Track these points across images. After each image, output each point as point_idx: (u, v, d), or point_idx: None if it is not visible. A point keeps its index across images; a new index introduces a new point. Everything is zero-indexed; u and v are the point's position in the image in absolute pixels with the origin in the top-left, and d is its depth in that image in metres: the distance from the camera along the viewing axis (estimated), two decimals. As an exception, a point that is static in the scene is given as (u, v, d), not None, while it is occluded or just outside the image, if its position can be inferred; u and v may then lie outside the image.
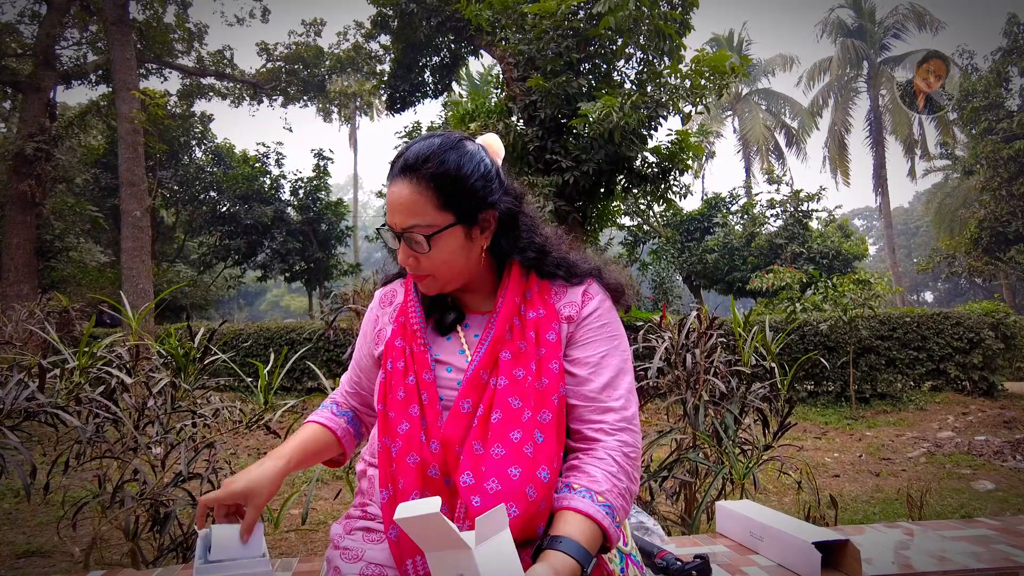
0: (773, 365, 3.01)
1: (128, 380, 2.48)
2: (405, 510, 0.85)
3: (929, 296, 46.14)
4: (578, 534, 0.95)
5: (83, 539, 3.28)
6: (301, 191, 17.00)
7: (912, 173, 27.07)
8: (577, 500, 0.99)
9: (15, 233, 11.80)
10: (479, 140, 1.18)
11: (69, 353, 2.59)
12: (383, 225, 1.15)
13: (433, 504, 0.84)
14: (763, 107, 29.61)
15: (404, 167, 1.08)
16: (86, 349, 2.61)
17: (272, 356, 3.15)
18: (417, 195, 1.07)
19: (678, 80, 8.35)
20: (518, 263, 1.18)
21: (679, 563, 1.35)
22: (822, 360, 4.73)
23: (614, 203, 10.66)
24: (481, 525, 0.86)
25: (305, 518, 2.44)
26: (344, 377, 1.34)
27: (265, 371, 2.79)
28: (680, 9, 8.59)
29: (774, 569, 1.51)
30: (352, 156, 37.35)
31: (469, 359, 1.12)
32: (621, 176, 9.07)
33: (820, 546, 1.43)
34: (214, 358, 2.80)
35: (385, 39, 13.82)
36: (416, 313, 1.19)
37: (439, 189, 1.07)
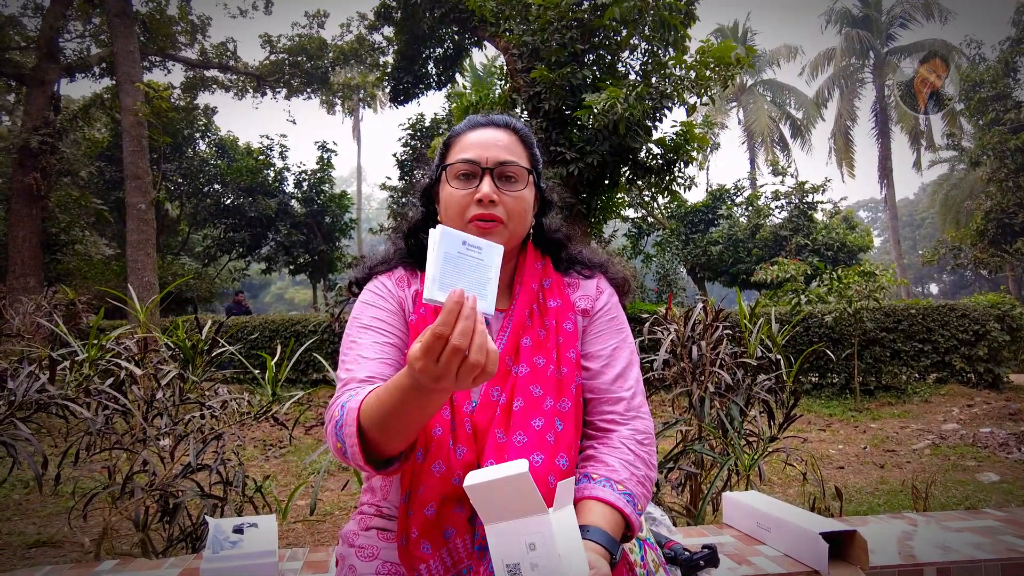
0: (779, 357, 3.01)
1: (137, 372, 2.50)
2: (480, 475, 0.83)
3: (934, 288, 46.01)
4: (603, 523, 0.96)
5: (93, 530, 3.31)
6: (305, 184, 17.01)
7: (918, 164, 26.92)
8: (598, 489, 1.00)
9: (21, 226, 11.83)
10: None
11: (78, 346, 2.61)
12: (451, 164, 1.12)
13: (520, 465, 0.82)
14: (768, 98, 29.45)
15: (495, 121, 1.17)
16: (95, 342, 2.63)
17: (279, 348, 3.16)
18: (515, 141, 1.16)
19: (683, 71, 8.30)
20: (533, 253, 1.20)
21: (687, 553, 1.36)
22: (827, 352, 4.71)
23: (618, 195, 10.62)
24: (560, 491, 0.86)
25: (313, 509, 2.46)
26: (364, 374, 1.06)
27: (272, 363, 2.80)
28: (685, -1, 8.52)
29: (781, 559, 1.52)
30: (356, 148, 37.35)
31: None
32: (625, 168, 9.03)
33: (827, 537, 1.44)
34: (222, 350, 2.81)
35: (388, 31, 13.77)
36: None
37: (527, 147, 1.18)
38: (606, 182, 9.20)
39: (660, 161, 8.91)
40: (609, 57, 8.88)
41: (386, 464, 0.96)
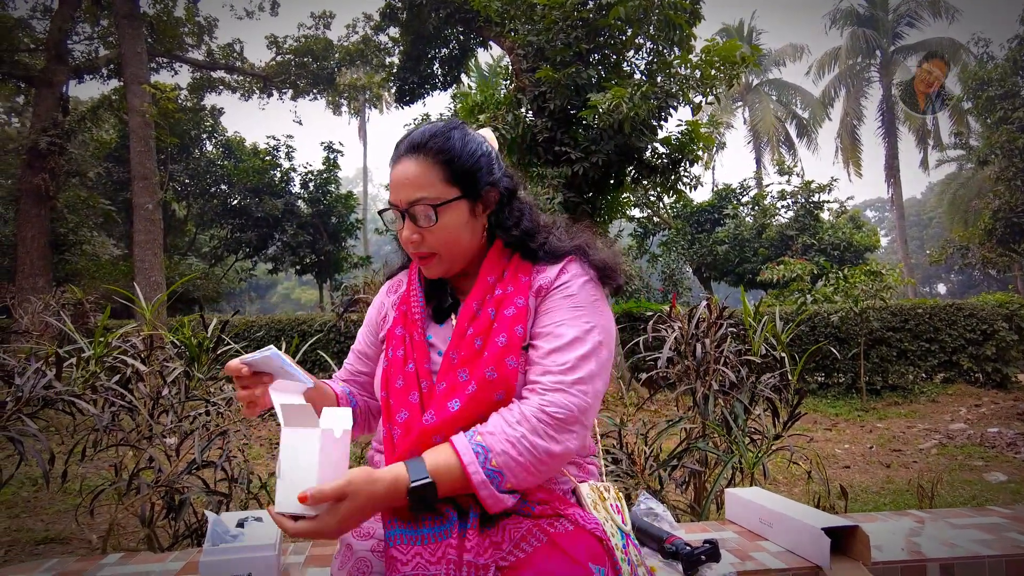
0: (783, 355, 3.00)
1: (143, 369, 2.51)
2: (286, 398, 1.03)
3: (942, 288, 45.75)
4: (430, 456, 0.97)
5: (100, 526, 3.33)
6: (311, 184, 17.06)
7: (925, 163, 26.78)
8: (457, 437, 0.99)
9: (30, 226, 11.92)
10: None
11: (85, 343, 2.63)
12: (385, 209, 1.18)
13: (269, 350, 1.03)
14: (773, 97, 29.35)
15: (411, 146, 1.13)
16: (101, 339, 2.64)
17: (283, 346, 3.17)
18: (424, 169, 1.11)
19: (688, 70, 8.28)
20: (498, 248, 1.19)
21: (688, 548, 1.36)
22: (833, 350, 4.68)
23: (624, 195, 10.60)
24: (296, 412, 0.95)
25: (317, 505, 2.47)
26: (345, 363, 1.38)
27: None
28: (690, -2, 8.50)
29: (784, 555, 1.52)
30: (361, 149, 37.44)
31: None
32: (631, 167, 9.02)
33: (829, 532, 1.44)
34: (227, 348, 2.82)
35: (394, 31, 13.79)
36: (418, 301, 1.22)
37: (446, 163, 1.11)
38: (611, 182, 9.19)
39: (665, 160, 8.89)
40: (614, 56, 8.87)
41: None
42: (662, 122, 8.54)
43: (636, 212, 17.99)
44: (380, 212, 1.19)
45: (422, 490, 0.93)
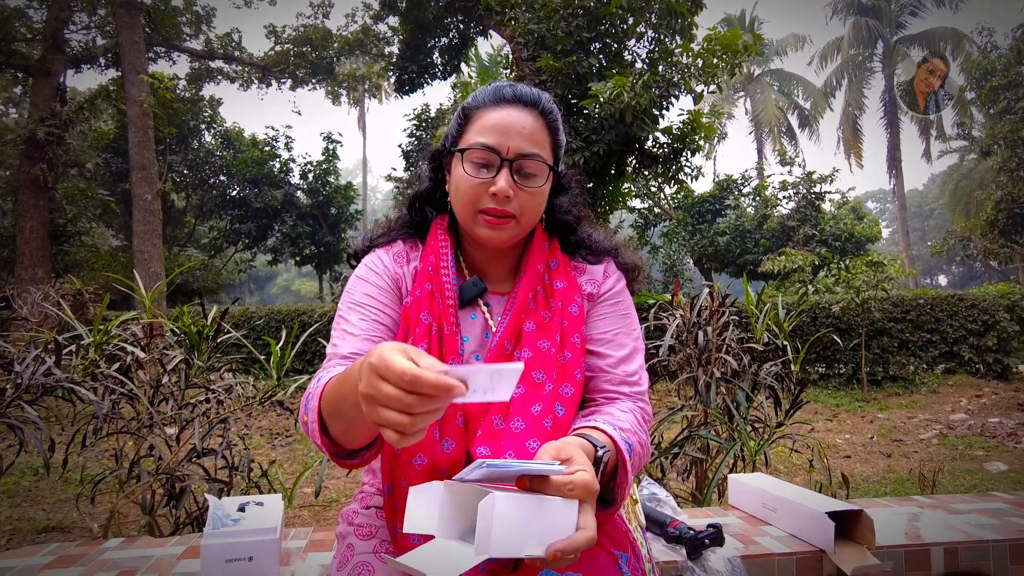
0: (785, 343, 2.99)
1: (143, 356, 2.50)
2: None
3: (943, 280, 45.71)
4: (591, 433, 0.89)
5: (101, 515, 3.34)
6: (310, 175, 17.02)
7: (927, 154, 26.71)
8: (600, 424, 0.93)
9: (28, 217, 11.89)
10: None
11: (84, 330, 2.61)
12: (467, 148, 1.02)
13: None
14: (775, 88, 29.21)
15: (522, 98, 1.05)
16: (100, 326, 2.63)
17: (284, 335, 3.16)
18: (541, 128, 1.05)
19: (690, 59, 8.22)
20: (540, 234, 1.14)
21: (692, 532, 1.35)
22: (835, 338, 4.62)
23: (625, 185, 10.57)
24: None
25: (318, 492, 2.47)
26: (347, 350, 1.01)
27: (277, 347, 2.80)
28: (691, -13, 8.45)
29: (787, 539, 1.51)
30: (361, 139, 37.33)
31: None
32: (632, 157, 8.98)
33: (833, 516, 1.43)
34: (227, 336, 2.81)
35: (393, 20, 13.72)
36: (451, 280, 1.06)
37: (553, 133, 1.08)
38: (612, 171, 9.15)
39: (667, 150, 8.85)
40: (615, 45, 8.81)
41: (351, 455, 0.86)
42: (663, 111, 8.50)
43: (637, 203, 17.96)
44: (461, 149, 1.03)
45: (604, 458, 0.85)
